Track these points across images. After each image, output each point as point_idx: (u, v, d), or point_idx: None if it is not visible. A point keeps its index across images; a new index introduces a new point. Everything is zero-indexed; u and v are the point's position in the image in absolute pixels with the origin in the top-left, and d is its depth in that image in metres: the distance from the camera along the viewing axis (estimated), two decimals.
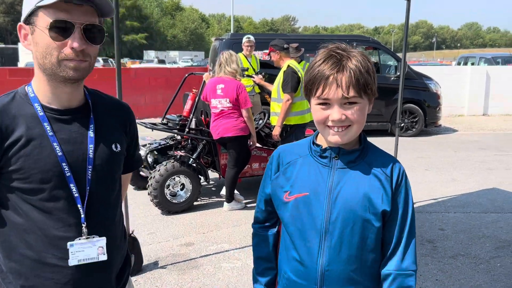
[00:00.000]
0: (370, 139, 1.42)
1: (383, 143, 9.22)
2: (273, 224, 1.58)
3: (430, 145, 9.52)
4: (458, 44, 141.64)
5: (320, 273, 1.34)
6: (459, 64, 20.24)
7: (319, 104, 1.31)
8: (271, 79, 6.49)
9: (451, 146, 9.38)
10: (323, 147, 1.38)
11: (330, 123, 1.30)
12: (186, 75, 6.07)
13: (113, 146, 1.39)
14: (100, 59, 39.64)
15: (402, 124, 10.30)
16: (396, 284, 1.33)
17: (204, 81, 5.32)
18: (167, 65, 34.00)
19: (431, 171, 7.21)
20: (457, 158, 8.18)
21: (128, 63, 38.63)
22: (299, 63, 6.40)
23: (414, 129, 10.41)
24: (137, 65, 31.75)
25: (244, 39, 7.64)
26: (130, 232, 3.77)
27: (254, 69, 7.56)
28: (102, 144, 1.36)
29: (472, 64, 18.48)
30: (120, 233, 1.46)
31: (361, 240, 1.32)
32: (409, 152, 8.59)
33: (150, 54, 55.66)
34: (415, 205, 5.35)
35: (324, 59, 1.29)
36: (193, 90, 5.69)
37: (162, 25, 78.99)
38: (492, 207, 5.41)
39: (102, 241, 1.33)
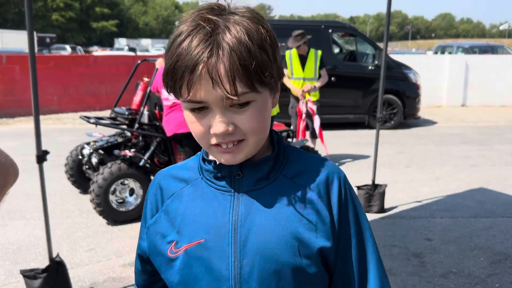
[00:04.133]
0: (346, 132, 0.75)
1: (360, 136, 8.70)
2: None
3: (410, 138, 8.97)
4: (433, 35, 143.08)
5: None
6: (436, 53, 19.89)
7: (192, 110, 0.81)
8: None
9: (431, 139, 8.85)
10: (217, 164, 0.89)
11: (214, 140, 0.82)
12: (139, 61, 5.28)
13: None
14: (67, 46, 38.24)
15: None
16: None
17: (157, 69, 4.57)
18: (139, 53, 32.85)
19: (412, 168, 6.64)
20: (439, 153, 7.64)
21: (98, 50, 37.39)
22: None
23: (392, 122, 9.85)
24: (105, 52, 30.49)
25: None
26: (54, 255, 3.06)
27: None
28: None
29: (450, 53, 18.13)
30: None
31: None
32: (388, 146, 8.00)
33: (121, 42, 54.10)
34: (397, 209, 4.82)
35: (188, 32, 0.77)
36: (144, 78, 4.91)
37: (134, 12, 76.88)
38: (481, 210, 4.86)
39: None
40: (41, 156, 2.87)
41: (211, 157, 0.92)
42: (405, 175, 6.24)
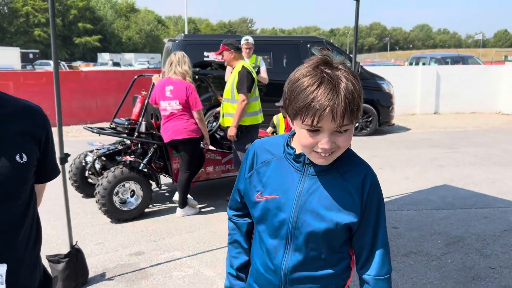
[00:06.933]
0: None
1: None
2: (247, 214, 1.59)
3: (384, 144, 9.68)
4: (411, 45, 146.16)
5: (283, 273, 1.38)
6: (411, 64, 20.81)
7: (308, 130, 1.25)
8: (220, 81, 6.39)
9: (404, 144, 9.57)
10: (297, 152, 1.38)
11: (318, 150, 1.27)
12: (135, 76, 5.86)
13: (18, 157, 1.24)
14: (51, 62, 38.40)
15: (357, 124, 10.43)
16: (379, 286, 1.40)
17: (153, 83, 5.14)
18: (122, 68, 33.26)
19: (385, 169, 7.30)
20: (410, 156, 8.34)
21: (81, 66, 37.58)
22: (249, 57, 6.40)
23: (368, 129, 10.56)
24: (89, 67, 30.84)
25: (242, 41, 6.47)
26: (74, 243, 3.58)
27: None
28: (2, 157, 1.21)
29: (423, 64, 19.04)
30: (30, 254, 1.30)
31: (324, 246, 1.37)
32: (364, 151, 8.67)
33: (104, 57, 54.34)
34: None
35: (318, 83, 1.21)
36: (142, 92, 5.49)
37: (117, 27, 77.19)
38: (443, 203, 5.51)
39: (2, 268, 1.19)
40: (63, 158, 3.41)
41: (292, 145, 1.40)
42: (378, 176, 6.70)
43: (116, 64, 39.97)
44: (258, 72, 6.34)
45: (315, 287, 1.39)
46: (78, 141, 8.75)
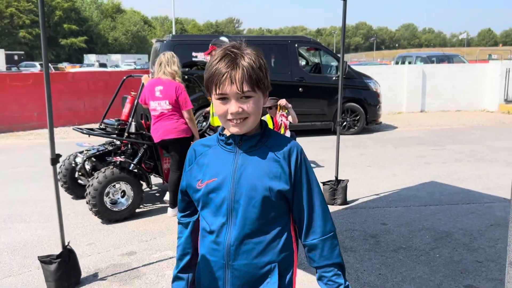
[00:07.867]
0: (314, 138, 1.40)
1: (327, 141, 9.52)
2: (192, 212, 1.67)
3: (372, 142, 9.78)
4: (396, 45, 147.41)
5: (227, 248, 1.46)
6: (397, 63, 21.02)
7: (219, 99, 1.42)
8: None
9: (391, 142, 9.68)
10: (227, 136, 1.51)
11: (229, 116, 1.41)
12: (125, 77, 5.85)
13: None
14: (37, 64, 38.05)
15: (345, 123, 10.52)
16: (327, 246, 1.49)
17: (143, 84, 5.15)
18: (109, 69, 33.05)
19: (373, 167, 7.39)
20: (397, 153, 8.45)
21: (67, 67, 37.23)
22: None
23: (356, 127, 10.66)
24: (76, 69, 30.59)
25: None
26: (66, 243, 3.58)
27: None
28: None
29: (409, 63, 19.25)
30: None
31: (262, 215, 1.45)
32: (352, 149, 8.77)
33: (90, 58, 53.93)
34: (358, 201, 5.54)
35: (220, 57, 1.40)
36: (132, 92, 5.49)
37: (103, 27, 76.54)
38: (430, 200, 5.60)
39: None
40: (55, 159, 3.42)
41: (224, 133, 1.53)
42: (366, 173, 6.97)
43: (102, 65, 39.69)
44: None
45: (258, 263, 1.47)
46: (66, 143, 8.69)
